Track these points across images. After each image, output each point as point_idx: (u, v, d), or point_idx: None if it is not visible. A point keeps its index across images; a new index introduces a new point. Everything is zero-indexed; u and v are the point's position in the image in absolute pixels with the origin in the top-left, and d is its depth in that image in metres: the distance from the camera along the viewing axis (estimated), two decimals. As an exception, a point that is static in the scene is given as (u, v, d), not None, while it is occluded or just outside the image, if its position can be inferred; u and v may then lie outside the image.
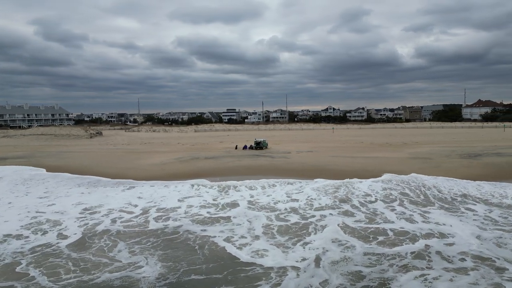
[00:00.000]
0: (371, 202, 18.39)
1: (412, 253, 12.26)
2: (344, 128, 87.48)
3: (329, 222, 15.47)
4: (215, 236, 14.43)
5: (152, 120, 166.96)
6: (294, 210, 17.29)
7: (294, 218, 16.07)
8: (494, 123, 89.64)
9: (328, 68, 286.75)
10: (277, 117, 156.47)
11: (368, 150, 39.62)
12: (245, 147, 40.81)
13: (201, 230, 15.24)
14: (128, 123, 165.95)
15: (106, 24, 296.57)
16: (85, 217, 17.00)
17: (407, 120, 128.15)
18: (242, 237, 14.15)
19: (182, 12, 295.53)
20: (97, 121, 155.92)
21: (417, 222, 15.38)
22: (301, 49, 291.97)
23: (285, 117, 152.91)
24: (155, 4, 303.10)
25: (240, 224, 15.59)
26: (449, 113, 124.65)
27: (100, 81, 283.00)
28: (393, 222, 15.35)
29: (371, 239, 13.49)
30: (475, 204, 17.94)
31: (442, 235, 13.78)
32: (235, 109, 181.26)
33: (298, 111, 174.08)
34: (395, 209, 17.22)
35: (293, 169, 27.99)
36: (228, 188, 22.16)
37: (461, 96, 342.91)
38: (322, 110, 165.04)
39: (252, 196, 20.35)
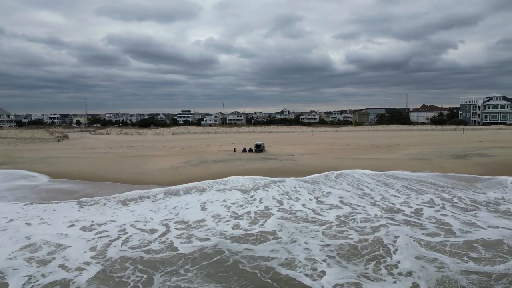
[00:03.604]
0: (420, 210, 15.88)
1: (520, 272, 9.78)
2: (322, 131, 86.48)
3: (394, 233, 12.68)
4: (268, 259, 11.09)
5: (98, 121, 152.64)
6: (342, 222, 14.29)
7: (352, 234, 13.04)
8: (453, 126, 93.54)
9: (266, 71, 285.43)
10: (233, 119, 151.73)
11: (363, 152, 37.89)
12: (244, 150, 37.30)
13: (246, 249, 11.82)
14: (74, 124, 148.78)
15: (26, 17, 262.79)
16: (133, 232, 12.72)
17: (357, 123, 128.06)
18: (308, 259, 10.89)
19: (110, 8, 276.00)
20: (40, 123, 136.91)
21: (485, 229, 13.07)
22: (239, 51, 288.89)
23: (242, 120, 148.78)
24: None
25: (295, 242, 12.33)
26: (399, 117, 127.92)
27: (21, 78, 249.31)
28: (466, 231, 12.86)
29: (461, 254, 10.86)
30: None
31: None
32: (190, 111, 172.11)
33: (252, 113, 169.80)
34: (446, 214, 14.89)
35: (307, 171, 25.20)
36: (252, 191, 18.69)
37: (388, 101, 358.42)
38: (277, 113, 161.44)
39: (281, 203, 17.14)
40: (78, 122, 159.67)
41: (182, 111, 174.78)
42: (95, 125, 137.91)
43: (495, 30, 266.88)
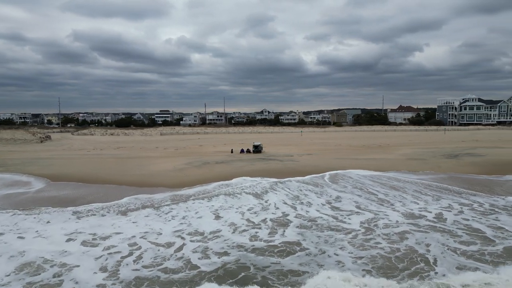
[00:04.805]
0: (440, 215, 15.01)
1: None
2: (311, 131, 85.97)
3: (425, 241, 11.66)
4: (299, 273, 9.92)
5: (71, 121, 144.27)
6: (367, 229, 13.18)
7: (382, 243, 11.95)
8: (435, 127, 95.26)
9: (239, 71, 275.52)
10: (213, 119, 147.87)
11: (359, 152, 37.28)
12: (242, 151, 35.83)
13: (272, 263, 10.53)
14: (46, 124, 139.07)
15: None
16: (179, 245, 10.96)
17: (336, 123, 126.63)
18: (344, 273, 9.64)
19: (76, 4, 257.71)
20: (10, 123, 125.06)
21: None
22: (212, 51, 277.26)
23: (222, 119, 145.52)
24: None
25: (324, 253, 11.13)
26: (377, 117, 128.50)
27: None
28: (502, 237, 11.95)
29: (507, 264, 9.93)
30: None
31: None
32: (168, 111, 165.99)
33: (231, 113, 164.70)
34: (468, 219, 14.09)
35: (310, 172, 24.31)
36: (264, 195, 17.28)
37: (359, 101, 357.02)
38: (257, 113, 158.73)
39: (295, 208, 15.92)
40: (50, 122, 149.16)
41: (160, 110, 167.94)
42: (69, 125, 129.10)
43: (457, 34, 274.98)
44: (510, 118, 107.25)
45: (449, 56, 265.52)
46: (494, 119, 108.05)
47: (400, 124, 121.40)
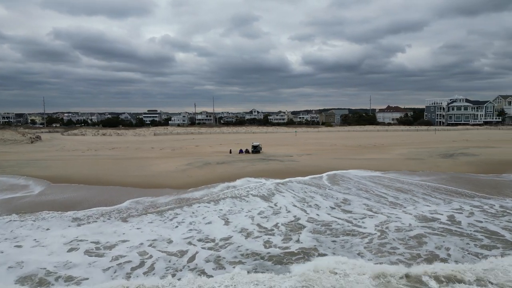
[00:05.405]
0: (453, 218, 14.66)
1: None
2: (304, 131, 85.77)
3: (443, 245, 11.25)
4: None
5: (55, 121, 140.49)
6: (383, 233, 12.71)
7: (400, 248, 11.50)
8: (425, 127, 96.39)
9: (224, 70, 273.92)
10: (202, 119, 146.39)
11: (356, 152, 37.07)
12: (241, 151, 35.13)
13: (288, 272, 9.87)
14: (29, 124, 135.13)
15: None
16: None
17: (326, 123, 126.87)
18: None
19: (56, 1, 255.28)
20: None
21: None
22: (196, 50, 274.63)
23: (211, 120, 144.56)
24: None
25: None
26: (366, 117, 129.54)
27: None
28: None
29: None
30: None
31: None
32: (156, 110, 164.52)
33: (220, 113, 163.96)
34: (481, 221, 13.77)
35: (313, 172, 23.85)
36: (271, 197, 16.64)
37: (343, 101, 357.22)
38: (246, 113, 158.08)
39: (305, 211, 15.36)
40: (33, 122, 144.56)
41: (148, 110, 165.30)
42: (54, 125, 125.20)
43: (438, 35, 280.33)
44: (496, 118, 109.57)
45: (431, 57, 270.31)
46: (481, 119, 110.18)
47: (389, 124, 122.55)
